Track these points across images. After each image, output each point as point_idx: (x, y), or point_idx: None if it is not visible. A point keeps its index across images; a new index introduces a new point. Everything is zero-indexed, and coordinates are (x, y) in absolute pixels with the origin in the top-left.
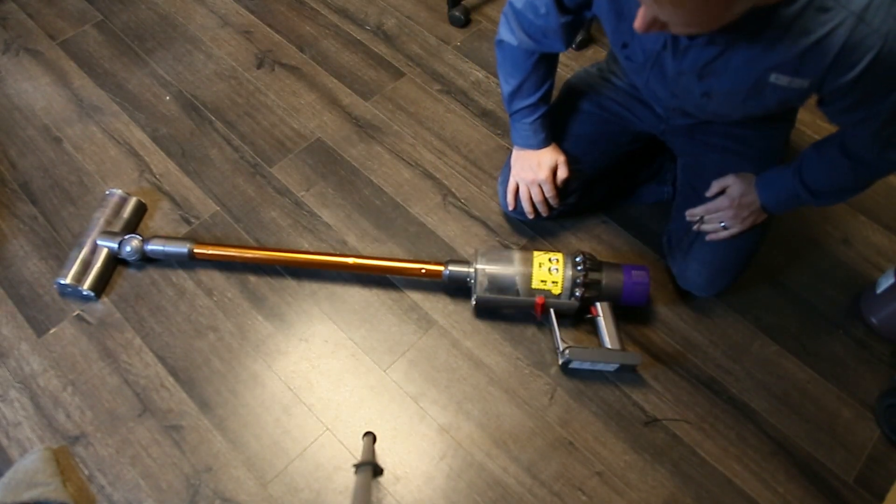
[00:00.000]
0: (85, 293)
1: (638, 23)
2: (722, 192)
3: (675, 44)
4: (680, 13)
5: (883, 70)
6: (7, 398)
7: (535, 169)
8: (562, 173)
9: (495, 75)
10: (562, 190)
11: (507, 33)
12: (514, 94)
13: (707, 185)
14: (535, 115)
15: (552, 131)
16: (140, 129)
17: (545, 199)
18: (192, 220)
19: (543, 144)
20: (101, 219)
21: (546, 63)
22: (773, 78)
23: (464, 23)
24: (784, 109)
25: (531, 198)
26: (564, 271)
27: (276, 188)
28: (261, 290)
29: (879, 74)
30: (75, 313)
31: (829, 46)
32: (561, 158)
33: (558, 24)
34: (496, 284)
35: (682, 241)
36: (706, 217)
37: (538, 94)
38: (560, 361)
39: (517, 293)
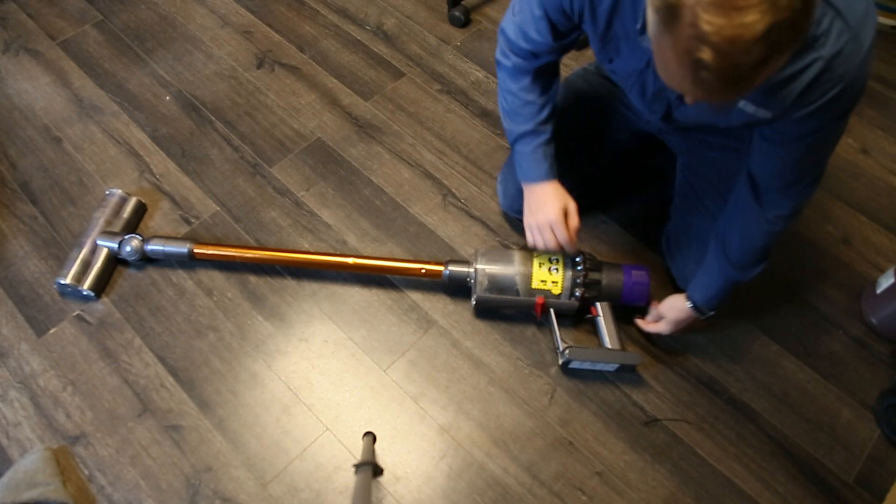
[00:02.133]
0: (85, 293)
1: (688, 99)
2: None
3: None
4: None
5: (831, 110)
6: (7, 398)
7: (545, 211)
8: (573, 222)
9: (495, 75)
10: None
11: (501, 55)
12: (513, 115)
13: (706, 185)
14: (537, 141)
15: (556, 164)
16: (140, 129)
17: (560, 243)
18: (192, 220)
19: (548, 176)
20: (101, 219)
21: (544, 81)
22: (741, 104)
23: (464, 23)
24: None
25: (549, 243)
26: (564, 271)
27: (276, 188)
28: (261, 290)
29: (827, 112)
30: (75, 313)
31: (797, 84)
32: (572, 205)
33: (550, 48)
34: (496, 284)
35: (682, 242)
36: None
37: (539, 118)
38: (560, 361)
39: (517, 293)
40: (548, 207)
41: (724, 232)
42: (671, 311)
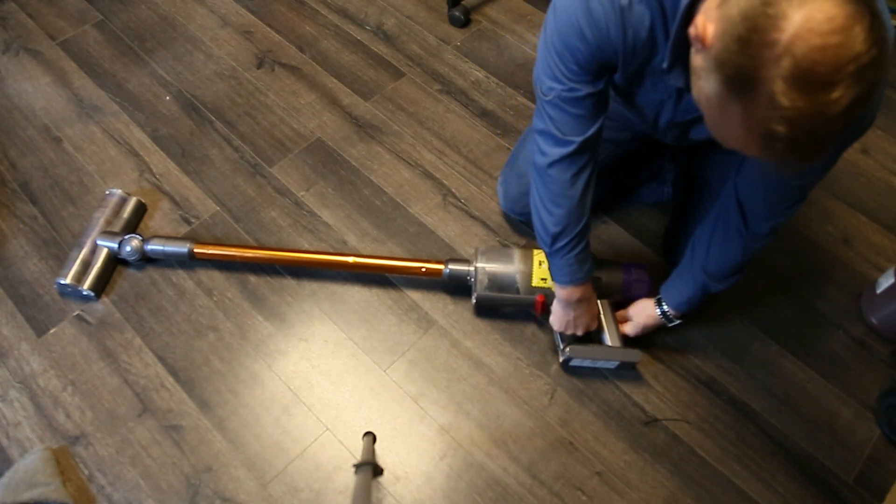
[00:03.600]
0: (85, 293)
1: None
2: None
3: (679, 96)
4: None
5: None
6: (7, 398)
7: (587, 323)
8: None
9: (495, 75)
10: None
11: (544, 155)
12: (558, 222)
13: (706, 187)
14: (581, 245)
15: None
16: (140, 129)
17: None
18: (192, 220)
19: (587, 276)
20: (101, 219)
21: (590, 171)
22: None
23: (464, 23)
24: None
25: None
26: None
27: (276, 188)
28: (261, 290)
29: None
30: (75, 313)
31: None
32: (599, 302)
33: (598, 90)
34: (496, 283)
35: (681, 242)
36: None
37: (584, 220)
38: (560, 359)
39: (517, 291)
40: (591, 321)
41: (702, 243)
42: (640, 315)
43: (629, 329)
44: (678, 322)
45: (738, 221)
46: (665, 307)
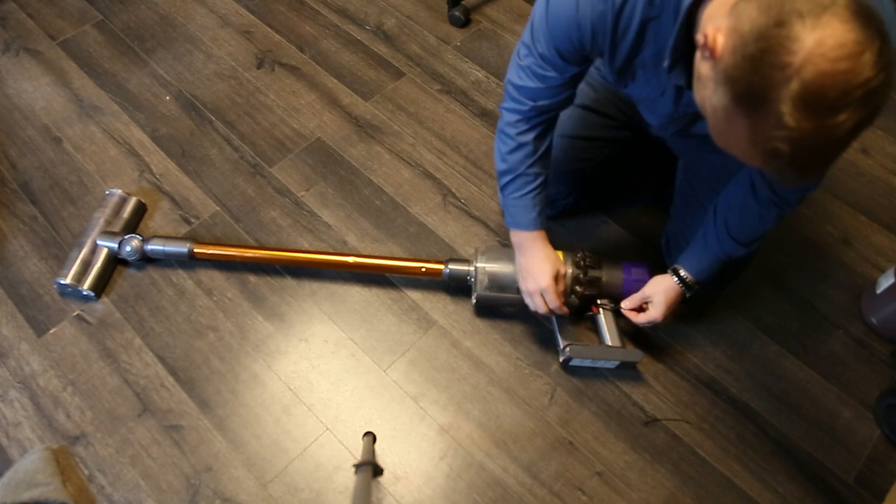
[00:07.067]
0: (85, 293)
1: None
2: (642, 306)
3: (679, 92)
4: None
5: None
6: (7, 398)
7: (536, 279)
8: (560, 287)
9: (495, 75)
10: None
11: (507, 95)
12: (503, 159)
13: (706, 187)
14: (528, 187)
15: (545, 214)
16: (140, 129)
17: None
18: (192, 220)
19: (535, 224)
20: (101, 219)
21: (542, 128)
22: None
23: (464, 23)
24: None
25: (539, 308)
26: (565, 269)
27: (276, 188)
28: (261, 290)
29: None
30: (75, 313)
31: None
32: (561, 270)
33: (566, 77)
34: (496, 282)
35: (681, 242)
36: (645, 328)
37: (530, 160)
38: (560, 359)
39: (517, 291)
40: (538, 276)
41: (727, 211)
42: (661, 292)
43: (657, 312)
44: (696, 289)
45: (766, 193)
46: (683, 274)
